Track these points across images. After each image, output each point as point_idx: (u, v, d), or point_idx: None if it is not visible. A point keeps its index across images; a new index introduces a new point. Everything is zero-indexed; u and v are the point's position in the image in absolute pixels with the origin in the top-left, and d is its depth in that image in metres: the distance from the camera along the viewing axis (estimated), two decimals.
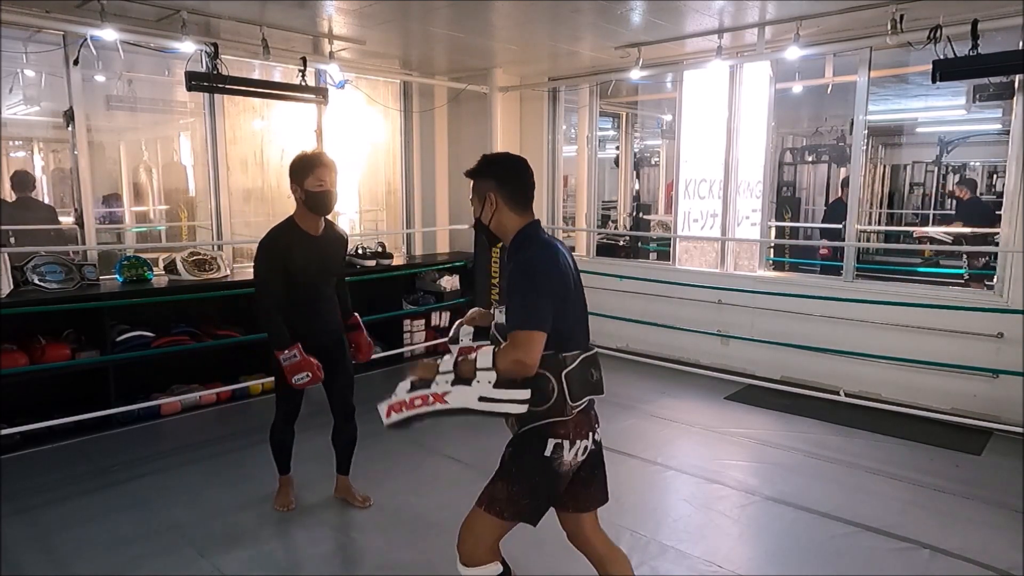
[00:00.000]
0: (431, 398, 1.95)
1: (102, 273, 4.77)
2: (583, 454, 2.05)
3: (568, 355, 1.99)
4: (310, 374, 2.97)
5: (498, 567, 2.09)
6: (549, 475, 2.01)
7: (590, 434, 2.06)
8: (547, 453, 1.99)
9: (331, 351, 3.18)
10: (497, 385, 1.89)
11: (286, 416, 3.31)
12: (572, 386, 1.98)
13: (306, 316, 3.07)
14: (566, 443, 2.00)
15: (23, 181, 5.18)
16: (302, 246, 3.00)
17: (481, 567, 2.06)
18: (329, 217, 3.17)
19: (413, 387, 1.97)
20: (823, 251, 7.84)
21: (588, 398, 2.06)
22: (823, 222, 8.46)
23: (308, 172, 2.95)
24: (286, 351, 2.94)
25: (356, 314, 3.44)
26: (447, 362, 1.96)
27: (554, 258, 1.99)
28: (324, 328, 3.17)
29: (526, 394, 1.92)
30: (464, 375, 1.92)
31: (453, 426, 4.76)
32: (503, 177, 2.12)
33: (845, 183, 8.22)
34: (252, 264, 3.02)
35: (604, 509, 2.33)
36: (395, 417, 1.98)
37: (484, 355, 1.89)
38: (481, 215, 2.13)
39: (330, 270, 3.17)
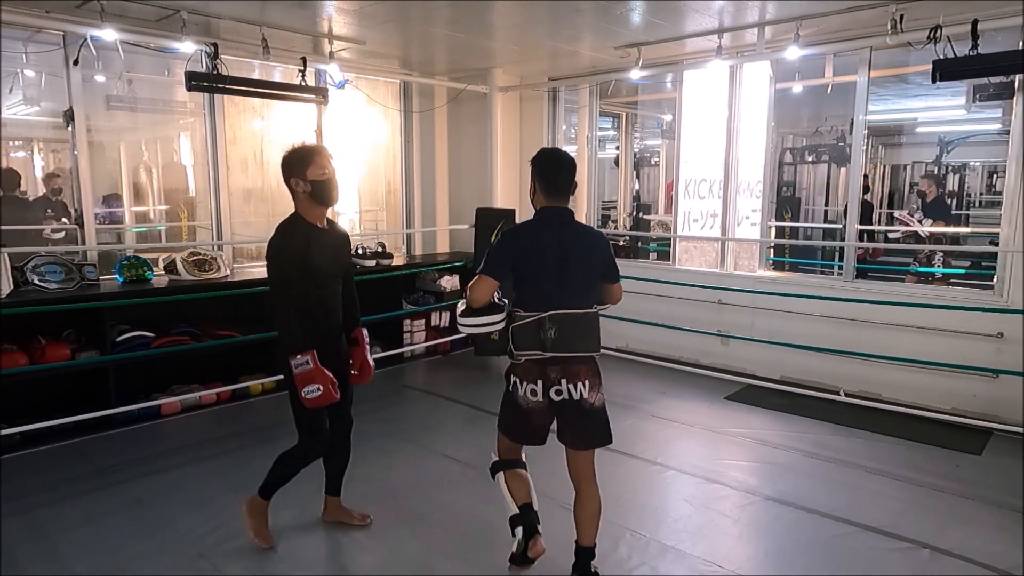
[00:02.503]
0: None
1: (102, 273, 4.77)
2: (534, 396, 2.60)
3: (521, 313, 2.56)
4: (322, 388, 2.69)
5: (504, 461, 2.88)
6: (512, 403, 2.67)
7: (539, 382, 2.58)
8: (510, 388, 2.68)
9: (334, 358, 2.93)
10: (463, 314, 2.62)
11: (318, 444, 2.96)
12: (516, 339, 2.57)
13: (317, 318, 2.86)
14: (518, 382, 2.62)
15: (10, 180, 5.20)
16: (315, 240, 2.83)
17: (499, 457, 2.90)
18: (329, 216, 3.12)
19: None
20: (860, 252, 7.43)
21: (538, 352, 2.55)
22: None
23: (308, 162, 2.81)
24: (299, 355, 2.68)
25: (364, 329, 3.16)
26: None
27: (516, 236, 2.63)
28: (331, 333, 2.96)
29: (482, 320, 2.58)
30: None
31: (454, 426, 4.79)
32: (536, 167, 2.64)
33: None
34: (265, 264, 2.82)
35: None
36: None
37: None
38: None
39: (341, 265, 2.99)
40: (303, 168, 2.81)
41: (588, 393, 2.60)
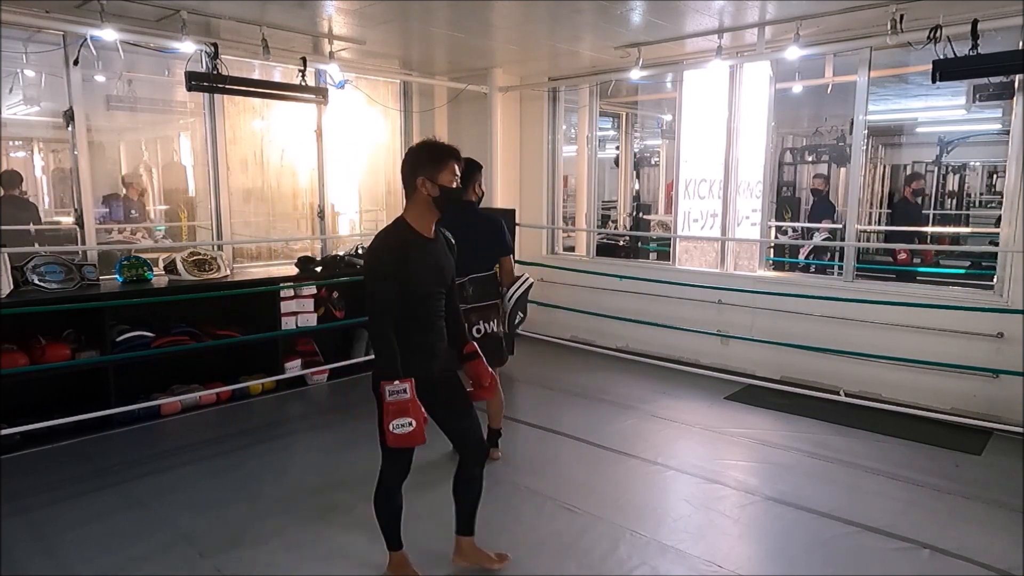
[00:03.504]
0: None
1: (102, 273, 4.77)
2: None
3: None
4: (413, 425, 2.36)
5: None
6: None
7: (465, 325, 3.02)
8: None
9: (446, 383, 2.71)
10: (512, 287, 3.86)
11: (398, 473, 2.68)
12: None
13: (421, 339, 2.57)
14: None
15: (11, 179, 5.21)
16: (420, 252, 2.50)
17: None
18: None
19: None
20: (902, 256, 7.14)
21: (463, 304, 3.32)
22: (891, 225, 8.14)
23: (443, 165, 2.48)
24: (396, 382, 2.36)
25: (473, 341, 2.88)
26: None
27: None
28: (439, 352, 2.67)
29: (520, 285, 3.88)
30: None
31: None
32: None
33: (910, 179, 7.98)
34: (364, 276, 2.53)
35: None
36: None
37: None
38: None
39: (445, 281, 2.63)
40: (436, 170, 2.48)
41: (495, 328, 3.62)
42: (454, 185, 2.53)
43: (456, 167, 2.54)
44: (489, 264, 3.76)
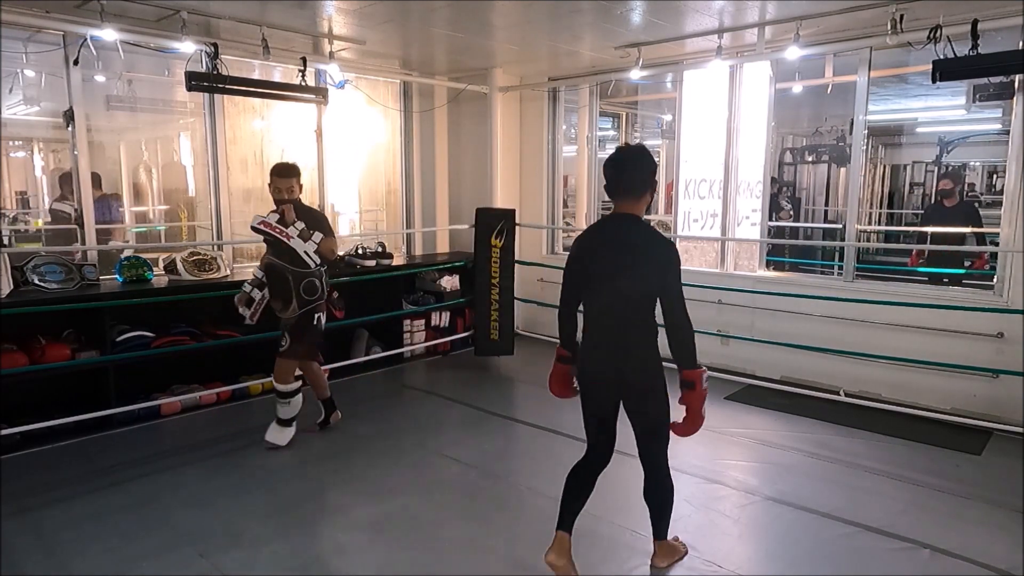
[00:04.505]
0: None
1: (102, 273, 4.77)
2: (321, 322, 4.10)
3: (320, 271, 4.09)
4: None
5: (298, 384, 4.21)
6: (317, 331, 4.14)
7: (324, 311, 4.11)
8: (314, 321, 4.07)
9: None
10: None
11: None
12: (320, 288, 4.08)
13: None
14: (320, 315, 4.12)
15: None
16: None
17: (287, 384, 4.15)
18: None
19: None
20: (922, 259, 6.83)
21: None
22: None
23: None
24: (705, 370, 2.71)
25: None
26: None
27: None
28: None
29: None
30: None
31: (454, 426, 4.78)
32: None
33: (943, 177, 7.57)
34: (670, 271, 2.58)
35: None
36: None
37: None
38: None
39: None
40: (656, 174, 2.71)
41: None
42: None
43: None
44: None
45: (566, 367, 2.82)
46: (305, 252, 3.92)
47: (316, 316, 4.08)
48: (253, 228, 3.99)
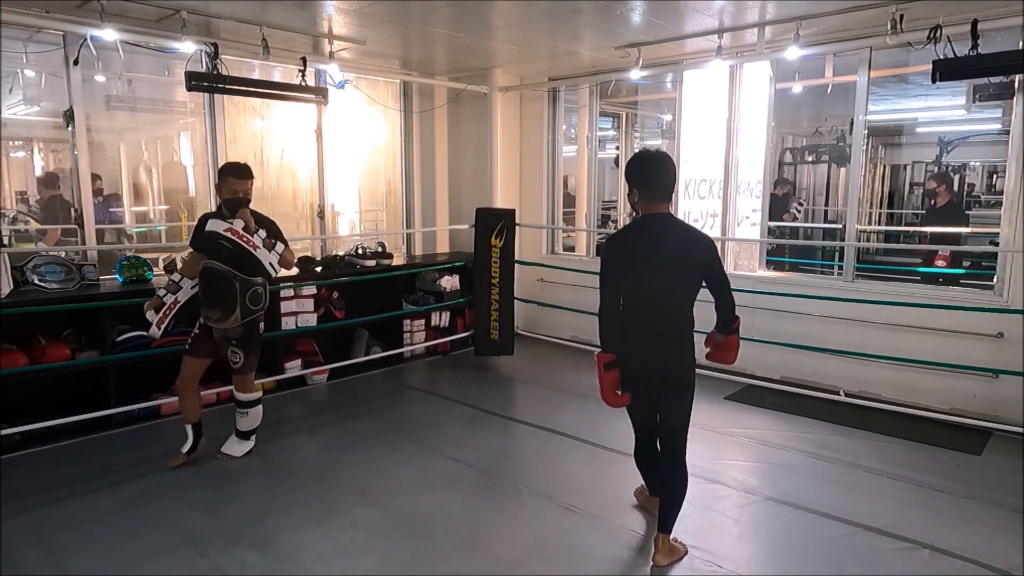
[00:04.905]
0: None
1: (102, 273, 4.77)
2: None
3: (262, 280, 3.92)
4: None
5: (259, 393, 4.10)
6: (260, 337, 4.02)
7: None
8: (259, 330, 3.98)
9: None
10: None
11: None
12: (263, 297, 3.93)
13: None
14: (262, 323, 4.03)
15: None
16: None
17: (249, 393, 4.03)
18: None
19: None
20: (940, 261, 6.64)
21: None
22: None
23: None
24: None
25: None
26: None
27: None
28: None
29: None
30: None
31: (454, 426, 4.77)
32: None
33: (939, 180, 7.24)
34: (715, 259, 3.11)
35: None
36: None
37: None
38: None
39: None
40: None
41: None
42: None
43: None
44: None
45: (615, 372, 2.79)
46: (270, 263, 3.82)
47: (259, 324, 4.02)
48: (216, 235, 3.72)
